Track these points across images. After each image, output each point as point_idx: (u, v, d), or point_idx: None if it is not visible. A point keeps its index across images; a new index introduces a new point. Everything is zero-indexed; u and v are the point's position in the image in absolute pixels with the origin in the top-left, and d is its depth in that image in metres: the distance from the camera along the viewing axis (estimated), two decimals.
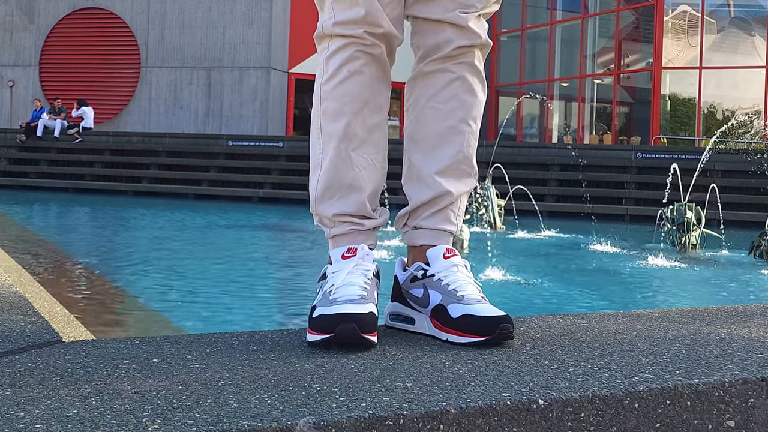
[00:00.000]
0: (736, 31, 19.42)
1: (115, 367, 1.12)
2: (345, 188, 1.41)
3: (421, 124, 1.48)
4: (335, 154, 1.40)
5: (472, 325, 1.29)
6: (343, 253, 1.38)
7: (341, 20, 1.40)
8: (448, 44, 1.45)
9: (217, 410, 0.91)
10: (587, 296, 5.41)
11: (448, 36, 1.45)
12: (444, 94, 1.47)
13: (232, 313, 4.36)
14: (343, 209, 1.41)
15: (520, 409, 0.97)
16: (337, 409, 0.92)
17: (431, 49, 1.47)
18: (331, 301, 1.30)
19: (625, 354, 1.23)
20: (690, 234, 8.29)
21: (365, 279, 1.34)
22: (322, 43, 1.44)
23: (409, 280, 1.44)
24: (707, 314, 1.61)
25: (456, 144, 1.46)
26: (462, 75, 1.47)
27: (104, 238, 8.89)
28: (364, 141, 1.42)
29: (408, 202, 1.50)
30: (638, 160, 14.39)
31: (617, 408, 1.02)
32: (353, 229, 1.41)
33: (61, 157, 17.78)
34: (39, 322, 1.42)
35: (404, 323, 1.43)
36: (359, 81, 1.40)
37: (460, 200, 1.49)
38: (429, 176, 1.46)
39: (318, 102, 1.43)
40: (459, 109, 1.47)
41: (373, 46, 1.41)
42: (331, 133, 1.41)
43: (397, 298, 1.46)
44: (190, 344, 1.27)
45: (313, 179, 1.44)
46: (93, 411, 0.90)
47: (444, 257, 1.41)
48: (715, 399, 1.07)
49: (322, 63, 1.43)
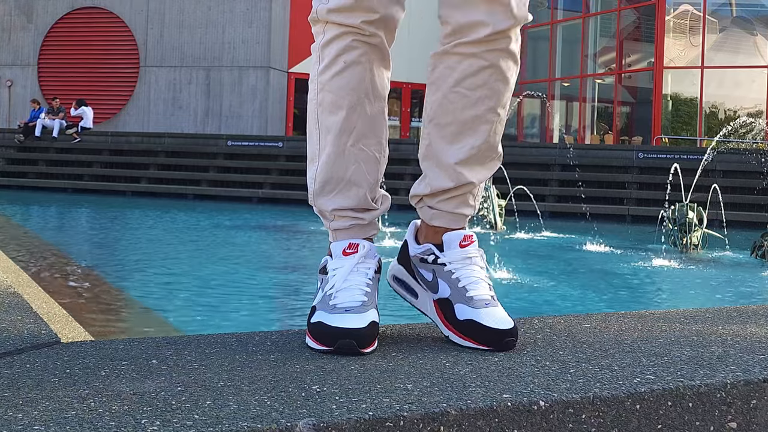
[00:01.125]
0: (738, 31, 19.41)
1: (113, 368, 1.11)
2: (344, 183, 1.35)
3: (444, 109, 1.35)
4: (333, 148, 1.34)
5: (477, 332, 1.26)
6: (344, 249, 1.33)
7: (334, 7, 1.31)
8: (483, 28, 1.29)
9: (217, 412, 0.91)
10: (588, 297, 5.40)
11: (483, 17, 1.29)
12: (473, 81, 1.33)
13: (231, 313, 4.35)
14: (343, 204, 1.35)
15: (521, 410, 0.97)
16: (337, 411, 0.92)
17: (462, 28, 1.31)
18: (331, 307, 1.27)
19: (627, 355, 1.22)
20: (692, 234, 8.28)
21: (367, 279, 1.31)
22: (317, 27, 1.35)
23: (419, 258, 1.38)
24: (709, 315, 1.61)
25: (482, 133, 1.35)
26: (495, 63, 1.32)
27: (103, 239, 8.89)
28: (363, 133, 1.35)
29: (423, 175, 1.40)
30: (640, 160, 14.38)
31: (619, 409, 1.01)
32: (354, 224, 1.36)
33: (59, 157, 17.76)
34: (37, 323, 1.42)
35: (407, 293, 1.40)
36: (357, 72, 1.32)
37: (480, 185, 1.41)
38: (450, 166, 1.35)
39: (315, 92, 1.35)
40: (489, 98, 1.33)
41: (371, 36, 1.32)
42: (328, 126, 1.34)
43: (403, 263, 1.41)
44: (189, 345, 1.27)
45: (311, 171, 1.38)
46: (92, 412, 0.90)
47: (460, 245, 1.34)
48: (717, 400, 1.07)
49: (318, 49, 1.35)
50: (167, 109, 20.62)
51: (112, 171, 16.96)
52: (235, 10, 20.08)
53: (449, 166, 1.35)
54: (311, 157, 1.38)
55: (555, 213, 12.72)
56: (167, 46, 20.60)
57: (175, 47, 20.54)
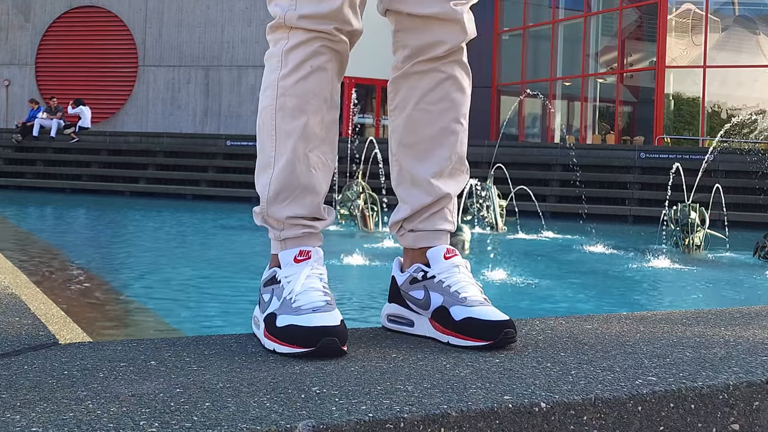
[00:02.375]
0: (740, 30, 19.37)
1: (112, 370, 1.11)
2: (300, 190, 1.34)
3: (411, 129, 1.43)
4: (292, 154, 1.33)
5: (476, 329, 1.27)
6: (295, 256, 1.31)
7: (307, 13, 1.31)
8: (440, 45, 1.39)
9: (216, 413, 0.90)
10: (590, 298, 5.40)
11: (439, 36, 1.38)
12: (434, 95, 1.41)
13: (230, 315, 4.34)
14: (298, 212, 1.34)
15: (522, 412, 0.96)
16: (337, 413, 0.91)
17: (421, 49, 1.40)
18: (295, 309, 1.24)
19: (629, 356, 1.22)
20: (694, 235, 8.26)
21: (323, 283, 1.29)
22: (279, 33, 1.35)
23: (408, 281, 1.41)
24: (711, 316, 1.61)
25: (450, 144, 1.42)
26: (452, 74, 1.42)
27: (101, 239, 8.88)
28: (322, 140, 1.35)
29: (399, 203, 1.46)
30: (641, 160, 14.36)
31: (620, 411, 1.01)
32: (306, 233, 1.35)
33: (57, 157, 17.68)
34: (35, 324, 1.41)
35: (403, 326, 1.41)
36: (322, 78, 1.34)
37: (454, 198, 1.47)
38: (425, 180, 1.42)
39: (273, 98, 1.34)
40: (451, 110, 1.42)
41: (339, 43, 1.34)
42: (288, 131, 1.33)
43: (394, 299, 1.43)
44: (188, 347, 1.26)
45: (263, 179, 1.36)
46: (90, 414, 0.90)
47: (445, 257, 1.38)
48: (720, 402, 1.06)
49: (281, 55, 1.34)
50: (166, 109, 20.52)
51: (110, 171, 16.89)
52: (234, 9, 19.98)
53: (424, 181, 1.42)
54: (264, 165, 1.36)
55: (556, 213, 12.70)
56: (166, 46, 20.50)
57: (173, 46, 20.45)
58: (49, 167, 17.51)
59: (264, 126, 1.37)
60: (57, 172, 17.19)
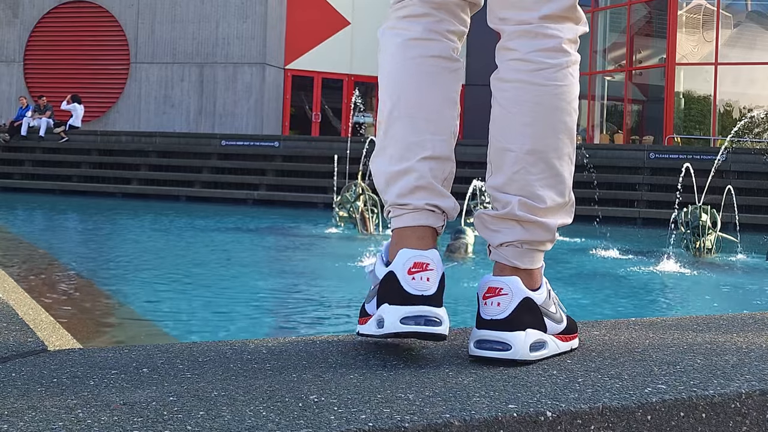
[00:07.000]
0: (753, 26, 19.25)
1: (102, 377, 1.10)
2: None
3: None
4: None
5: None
6: None
7: None
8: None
9: (210, 422, 0.90)
10: (597, 303, 5.37)
11: None
12: None
13: (225, 320, 4.31)
14: None
15: (527, 421, 0.95)
16: (336, 422, 0.90)
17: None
18: None
19: (637, 364, 1.21)
20: (705, 238, 8.21)
21: None
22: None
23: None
24: (723, 322, 1.60)
25: None
26: None
27: (91, 243, 8.83)
28: None
29: None
30: (651, 160, 14.32)
31: (629, 420, 1.00)
32: None
33: (46, 157, 17.56)
34: (23, 331, 1.41)
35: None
36: None
37: None
38: None
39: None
40: None
41: None
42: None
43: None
44: (181, 353, 1.25)
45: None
46: (80, 423, 0.89)
47: None
48: (732, 411, 1.05)
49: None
50: (159, 108, 20.17)
51: (101, 172, 16.73)
52: (229, 4, 19.70)
53: None
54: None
55: None
56: (159, 42, 20.17)
57: (166, 43, 20.11)
58: (38, 168, 17.34)
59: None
60: (46, 172, 17.00)
